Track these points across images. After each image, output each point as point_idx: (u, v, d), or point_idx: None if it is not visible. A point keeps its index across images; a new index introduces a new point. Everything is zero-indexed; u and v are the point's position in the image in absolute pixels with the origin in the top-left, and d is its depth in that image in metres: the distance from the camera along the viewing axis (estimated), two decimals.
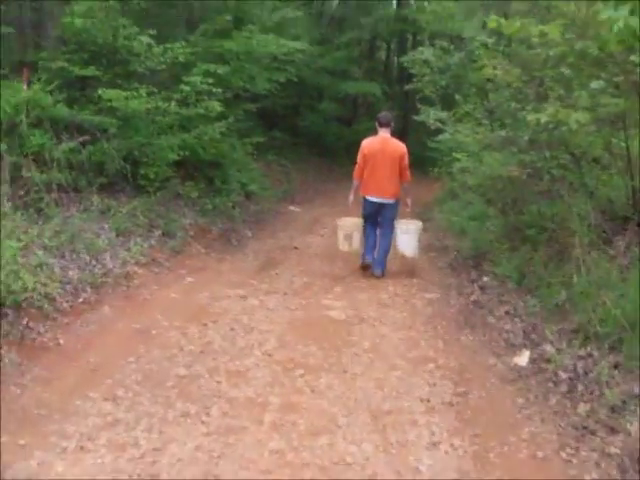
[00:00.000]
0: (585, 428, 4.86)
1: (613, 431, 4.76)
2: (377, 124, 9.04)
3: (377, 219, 9.22)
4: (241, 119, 14.76)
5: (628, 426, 4.72)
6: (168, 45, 10.52)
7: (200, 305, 7.53)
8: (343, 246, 9.49)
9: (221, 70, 11.55)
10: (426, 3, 20.65)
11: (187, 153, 10.77)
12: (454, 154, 11.81)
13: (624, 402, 4.96)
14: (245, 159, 15.49)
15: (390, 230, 9.22)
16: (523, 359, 6.18)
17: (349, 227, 9.43)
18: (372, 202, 9.07)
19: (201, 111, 10.69)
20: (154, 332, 6.51)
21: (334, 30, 22.77)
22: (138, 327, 6.57)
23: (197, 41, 12.01)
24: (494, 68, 7.24)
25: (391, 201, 9.08)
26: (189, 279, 8.58)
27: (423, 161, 23.19)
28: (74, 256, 7.56)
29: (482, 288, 8.45)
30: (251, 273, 9.60)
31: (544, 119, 6.35)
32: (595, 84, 6.88)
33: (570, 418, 5.03)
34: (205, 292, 8.05)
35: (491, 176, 8.51)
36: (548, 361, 5.95)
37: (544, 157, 7.80)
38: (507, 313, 7.36)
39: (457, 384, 5.72)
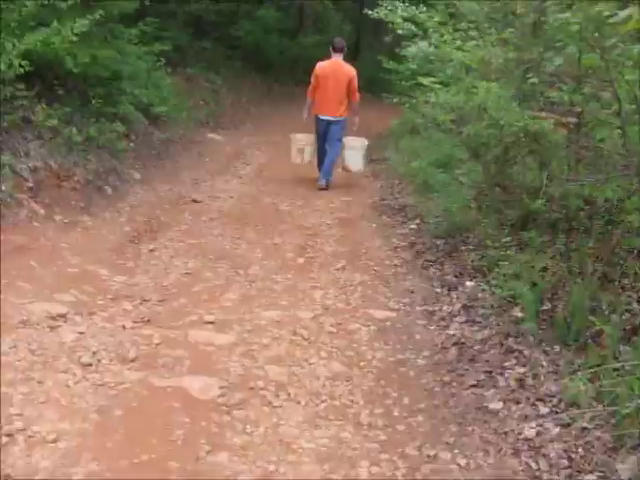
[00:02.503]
0: None
1: None
2: (331, 48, 9.08)
3: (327, 135, 9.05)
4: (150, 23, 10.77)
5: None
6: None
7: None
8: (295, 159, 9.34)
9: None
10: None
11: (28, 64, 6.73)
12: (420, 79, 8.02)
13: None
14: (154, 73, 11.49)
15: (336, 144, 9.06)
16: None
17: (302, 141, 9.28)
18: (322, 120, 9.02)
19: None
20: None
21: None
22: None
23: None
24: None
25: (339, 119, 9.01)
26: None
27: (375, 84, 19.34)
28: None
29: (467, 309, 4.81)
30: (110, 251, 5.88)
31: None
32: None
33: None
34: None
35: (513, 129, 4.70)
36: None
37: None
38: (522, 384, 3.75)
39: None
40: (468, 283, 5.22)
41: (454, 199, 6.83)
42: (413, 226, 7.03)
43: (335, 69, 8.88)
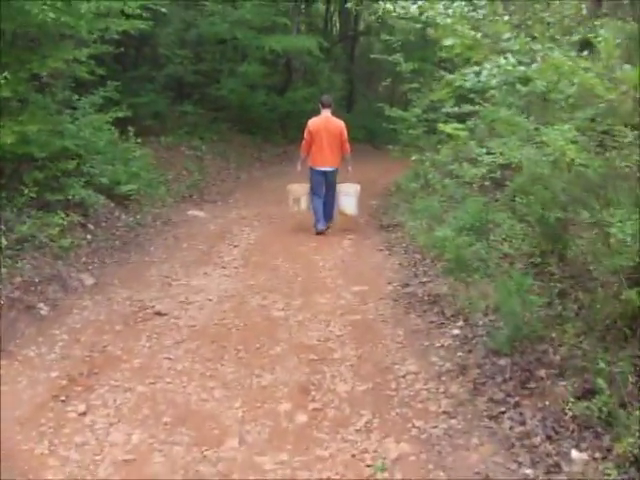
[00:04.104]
0: None
1: None
2: (320, 105, 9.38)
3: (322, 185, 9.21)
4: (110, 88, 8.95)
5: None
6: None
7: None
8: (292, 208, 9.42)
9: None
10: None
11: None
12: (442, 126, 6.02)
13: None
14: (121, 146, 9.56)
15: (333, 191, 9.29)
16: None
17: (297, 191, 9.37)
18: (318, 171, 9.21)
19: None
20: None
21: None
22: None
23: None
24: None
25: (333, 169, 9.24)
26: None
27: (375, 134, 17.49)
28: None
29: None
30: (14, 424, 3.77)
31: None
32: None
33: None
34: None
35: None
36: None
37: None
38: None
39: None
40: (575, 455, 3.07)
41: (508, 286, 4.71)
42: (456, 331, 4.89)
43: (326, 123, 9.19)
